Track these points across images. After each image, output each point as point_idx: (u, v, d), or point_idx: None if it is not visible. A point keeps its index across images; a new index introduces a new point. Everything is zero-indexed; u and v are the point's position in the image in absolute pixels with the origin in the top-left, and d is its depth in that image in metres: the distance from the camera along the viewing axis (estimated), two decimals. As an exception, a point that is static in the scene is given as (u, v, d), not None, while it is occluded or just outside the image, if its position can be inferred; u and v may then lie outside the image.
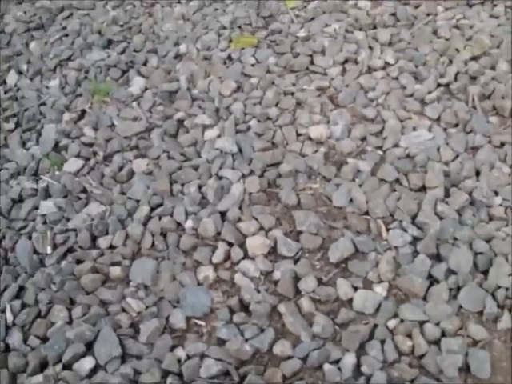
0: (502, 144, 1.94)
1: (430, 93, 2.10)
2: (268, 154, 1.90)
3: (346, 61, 2.27)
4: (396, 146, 1.94)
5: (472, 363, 1.45)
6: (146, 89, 2.25)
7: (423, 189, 1.80)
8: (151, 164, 1.94)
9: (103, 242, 1.74)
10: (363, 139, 1.96)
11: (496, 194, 1.79)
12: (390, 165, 1.86)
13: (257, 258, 1.64)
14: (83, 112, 2.20)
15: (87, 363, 1.49)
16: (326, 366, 1.44)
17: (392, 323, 1.52)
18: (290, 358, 1.47)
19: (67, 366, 1.50)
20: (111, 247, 1.74)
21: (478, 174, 1.85)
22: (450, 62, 2.23)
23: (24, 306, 1.64)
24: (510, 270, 1.59)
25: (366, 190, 1.79)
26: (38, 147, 2.08)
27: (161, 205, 1.81)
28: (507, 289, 1.56)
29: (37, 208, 1.87)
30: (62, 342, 1.53)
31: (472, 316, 1.54)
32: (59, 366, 1.50)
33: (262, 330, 1.51)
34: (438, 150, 1.91)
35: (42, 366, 1.51)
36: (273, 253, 1.67)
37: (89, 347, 1.52)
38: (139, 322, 1.56)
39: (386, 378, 1.41)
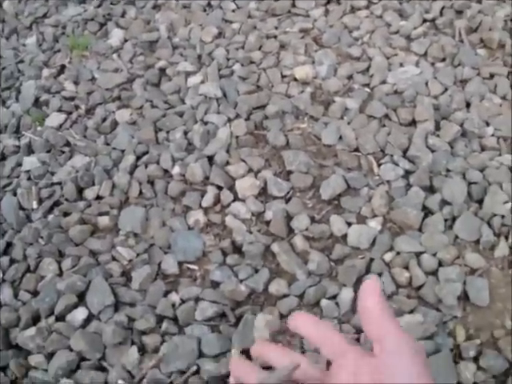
0: (492, 75, 1.91)
1: (415, 29, 2.05)
2: (253, 96, 1.86)
3: (328, 2, 2.22)
4: (383, 82, 1.90)
5: (470, 291, 1.43)
6: (126, 40, 2.19)
7: (413, 123, 1.77)
8: (135, 114, 1.89)
9: (90, 193, 1.70)
10: (350, 77, 1.92)
11: (487, 124, 1.76)
12: (378, 101, 1.82)
13: (247, 199, 1.61)
14: (63, 67, 2.14)
15: (80, 314, 1.46)
16: (324, 302, 1.42)
17: (388, 256, 1.49)
18: (286, 296, 1.45)
19: (60, 318, 1.47)
20: (98, 198, 1.70)
21: (468, 105, 1.82)
22: (435, -4, 2.18)
23: (12, 261, 1.60)
24: (505, 197, 1.57)
25: (355, 127, 1.75)
26: (18, 104, 2.02)
27: (146, 153, 1.76)
28: (503, 216, 1.54)
29: (20, 165, 1.82)
30: (53, 294, 1.49)
31: (468, 245, 1.52)
32: (52, 319, 1.46)
33: (257, 271, 1.49)
34: (427, 84, 1.87)
35: (35, 319, 1.48)
36: (263, 194, 1.63)
37: (81, 298, 1.49)
38: (131, 269, 1.53)
39: (385, 310, 1.39)
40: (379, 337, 0.52)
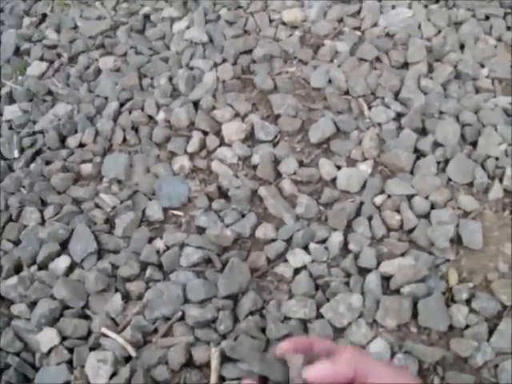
0: (487, 17, 1.85)
1: (408, -30, 1.99)
2: (240, 40, 1.80)
3: None
4: (375, 25, 1.84)
5: (463, 234, 1.39)
6: (110, -13, 2.12)
7: (405, 65, 1.72)
8: (118, 61, 1.83)
9: (72, 141, 1.65)
10: (340, 21, 1.86)
11: (482, 66, 1.71)
12: (370, 44, 1.76)
13: (234, 143, 1.56)
14: (44, 16, 2.07)
15: (63, 262, 1.42)
16: (312, 246, 1.38)
17: (379, 199, 1.45)
18: (273, 240, 1.41)
19: (42, 267, 1.43)
20: (81, 145, 1.65)
21: (462, 47, 1.77)
22: None
23: (-6, 211, 1.56)
24: (500, 139, 1.52)
25: (345, 70, 1.70)
26: (-2, 54, 1.97)
27: (130, 99, 1.71)
28: (497, 158, 1.50)
29: (1, 114, 1.77)
30: (35, 243, 1.45)
31: (462, 188, 1.48)
32: (34, 267, 1.43)
33: (243, 215, 1.45)
34: (419, 26, 1.82)
35: (17, 268, 1.44)
36: (250, 138, 1.59)
37: (64, 246, 1.45)
38: (114, 216, 1.48)
39: (375, 253, 1.36)
40: None
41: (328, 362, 0.58)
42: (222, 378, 1.22)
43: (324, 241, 1.39)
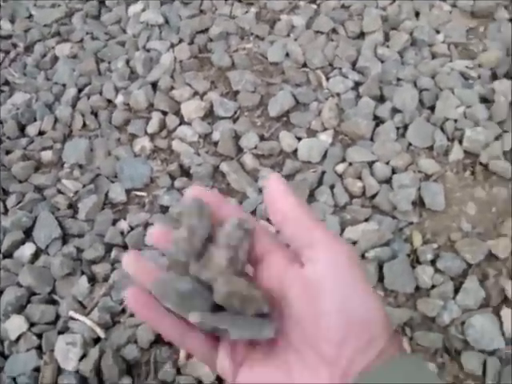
0: (441, -16, 1.85)
1: None
2: (196, 20, 1.79)
3: None
4: (330, -2, 1.84)
5: (426, 197, 1.40)
6: (63, -25, 2.10)
7: (361, 35, 1.72)
8: (75, 47, 1.81)
9: (32, 129, 1.63)
10: (296, -5, 1.86)
11: (437, 32, 1.72)
12: (325, 16, 1.76)
13: (193, 121, 1.56)
14: (-3, 6, 2.05)
15: (27, 249, 1.41)
16: (276, 217, 1.38)
17: (340, 167, 1.45)
18: (237, 214, 1.41)
19: (7, 255, 1.41)
20: (40, 133, 1.63)
21: (417, 15, 1.77)
22: None
23: (-45, 203, 1.54)
24: (457, 102, 1.53)
25: (302, 43, 1.69)
26: (-49, 46, 1.94)
27: (88, 84, 1.70)
28: (456, 120, 1.51)
29: (-41, 107, 1.75)
30: (-2, 232, 1.45)
31: (422, 152, 1.49)
32: (-1, 257, 1.42)
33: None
34: (375, -3, 1.82)
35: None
36: (210, 115, 1.58)
37: (28, 234, 1.44)
38: (77, 201, 1.47)
39: (339, 221, 1.36)
40: (309, 243, 0.45)
41: None
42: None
43: (287, 212, 1.39)
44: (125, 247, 1.39)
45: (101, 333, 1.27)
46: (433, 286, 1.29)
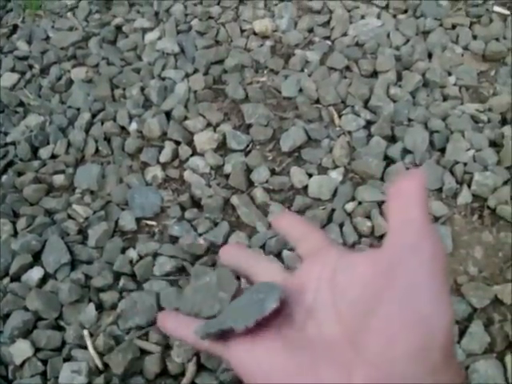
0: (454, 26, 1.88)
1: (376, -19, 2.02)
2: (212, 51, 1.81)
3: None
4: (344, 35, 1.86)
5: (433, 239, 1.41)
6: (81, -2, 2.13)
7: (374, 74, 1.74)
8: (90, 71, 1.83)
9: (44, 153, 1.65)
10: (310, 30, 1.88)
11: (449, 74, 1.74)
12: (340, 53, 1.79)
13: (206, 153, 1.57)
14: (15, 27, 2.07)
15: (36, 273, 1.42)
16: (285, 253, 1.39)
17: (350, 206, 1.47)
18: (246, 248, 1.42)
19: (15, 278, 1.42)
20: (53, 157, 1.65)
21: (430, 56, 1.80)
22: None
23: (-35, 224, 1.55)
24: (467, 145, 1.55)
25: (316, 79, 1.72)
26: (-32, 65, 1.96)
27: (102, 110, 1.71)
28: (465, 164, 1.52)
29: (-28, 126, 1.77)
30: (7, 254, 1.45)
31: (431, 193, 1.50)
32: (7, 280, 1.42)
33: (216, 224, 1.46)
34: (388, 36, 1.85)
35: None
36: (222, 147, 1.60)
37: (36, 257, 1.44)
38: (87, 227, 1.48)
39: (347, 260, 1.37)
40: (402, 223, 0.39)
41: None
42: (196, 386, 1.23)
43: (296, 248, 1.40)
44: (133, 276, 1.39)
45: (99, 364, 1.27)
46: (438, 330, 1.29)
